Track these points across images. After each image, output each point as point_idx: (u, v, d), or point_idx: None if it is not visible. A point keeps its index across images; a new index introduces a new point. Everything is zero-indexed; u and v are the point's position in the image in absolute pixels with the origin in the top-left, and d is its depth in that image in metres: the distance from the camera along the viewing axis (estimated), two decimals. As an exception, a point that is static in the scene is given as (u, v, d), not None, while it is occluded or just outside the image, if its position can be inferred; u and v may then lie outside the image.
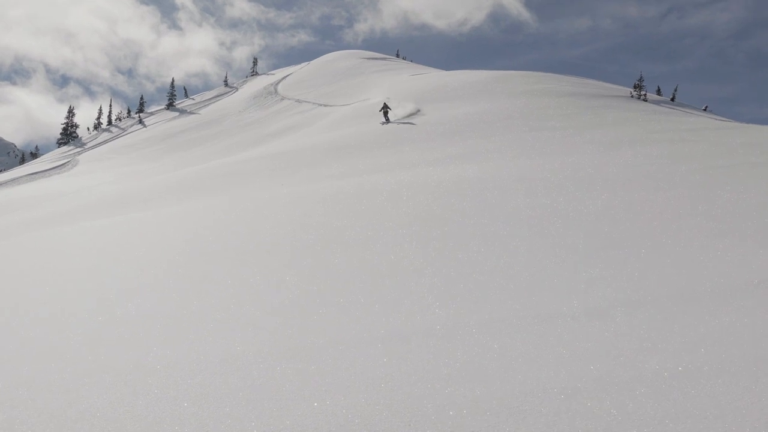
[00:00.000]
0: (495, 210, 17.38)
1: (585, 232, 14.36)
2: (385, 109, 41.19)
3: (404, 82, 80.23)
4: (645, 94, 69.33)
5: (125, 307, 11.44)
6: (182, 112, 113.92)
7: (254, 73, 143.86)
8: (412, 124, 45.93)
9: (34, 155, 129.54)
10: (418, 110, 42.16)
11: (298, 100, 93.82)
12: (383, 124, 38.86)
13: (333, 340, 8.80)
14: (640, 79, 72.27)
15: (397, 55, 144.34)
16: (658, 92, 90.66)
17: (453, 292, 10.79)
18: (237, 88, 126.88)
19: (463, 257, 13.20)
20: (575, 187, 19.42)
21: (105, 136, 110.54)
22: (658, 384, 6.59)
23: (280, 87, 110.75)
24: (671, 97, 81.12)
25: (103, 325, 10.44)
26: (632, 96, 66.30)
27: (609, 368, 7.03)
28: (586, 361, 7.28)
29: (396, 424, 6.02)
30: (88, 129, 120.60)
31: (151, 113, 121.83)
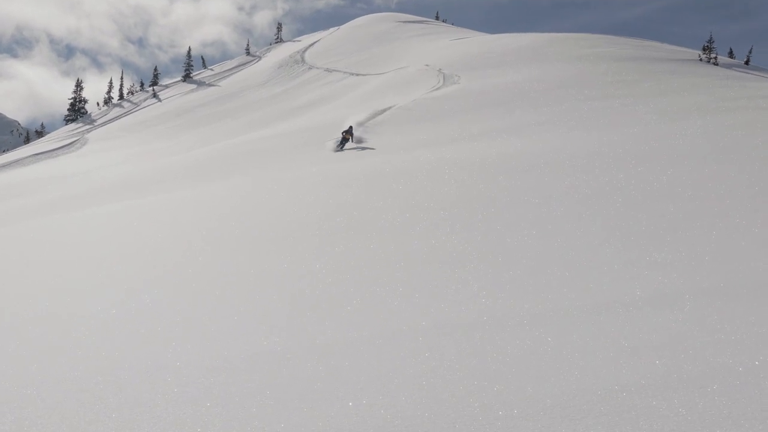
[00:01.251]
0: (546, 189, 17.28)
1: (649, 213, 14.24)
2: (346, 136, 34.38)
3: (444, 48, 79.97)
4: (715, 58, 68.37)
5: (139, 301, 11.58)
6: (200, 84, 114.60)
7: (278, 40, 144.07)
8: (453, 96, 45.74)
9: (40, 134, 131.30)
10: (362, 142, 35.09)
11: (327, 70, 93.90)
12: (336, 150, 33.62)
13: (369, 334, 8.83)
14: (710, 41, 71.29)
15: (437, 18, 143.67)
16: (731, 55, 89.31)
17: (501, 281, 10.77)
18: (260, 57, 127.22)
19: (511, 242, 13.16)
20: (637, 162, 19.24)
21: (116, 111, 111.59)
22: (731, 380, 6.54)
23: (307, 55, 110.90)
24: (745, 60, 79.83)
25: (116, 320, 10.58)
26: (701, 60, 65.43)
27: (676, 363, 6.98)
28: (650, 355, 7.23)
29: (440, 425, 6.04)
30: (98, 104, 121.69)
31: (166, 86, 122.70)
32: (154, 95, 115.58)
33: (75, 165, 59.45)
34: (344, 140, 33.71)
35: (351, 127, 34.69)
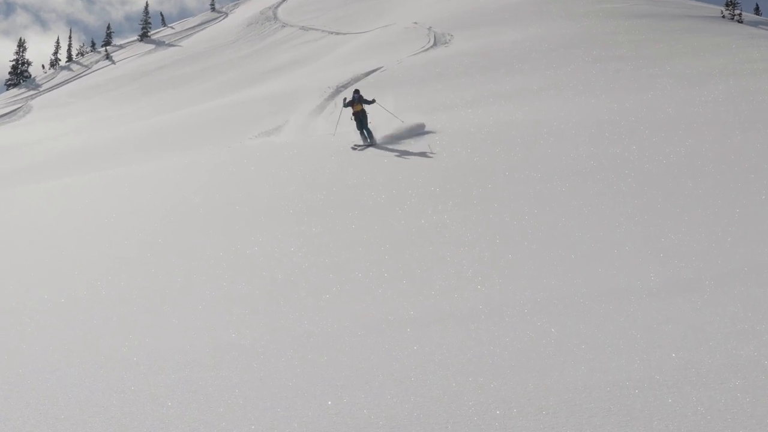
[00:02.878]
0: (551, 162, 17.30)
1: (664, 189, 14.28)
2: (356, 106, 23.86)
3: (435, 3, 79.70)
4: (740, 14, 68.48)
5: (92, 288, 11.54)
6: (159, 44, 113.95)
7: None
8: (444, 58, 45.67)
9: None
10: (423, 125, 24.04)
11: (302, 28, 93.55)
12: (357, 148, 22.56)
13: (350, 324, 8.83)
14: (734, -5, 71.29)
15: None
16: (756, 11, 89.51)
17: (498, 265, 10.78)
18: (227, 14, 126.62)
19: (510, 221, 13.17)
20: (651, 132, 19.28)
21: (64, 75, 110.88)
22: (755, 375, 6.56)
23: (280, 11, 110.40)
24: (773, 17, 79.97)
25: (65, 310, 10.54)
26: (723, 17, 65.51)
27: (694, 356, 7.01)
28: (665, 347, 7.25)
29: (430, 426, 6.05)
30: (43, 67, 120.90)
31: (121, 46, 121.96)
32: (107, 57, 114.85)
33: (18, 135, 59.04)
34: (360, 120, 23.34)
35: (357, 93, 24.03)
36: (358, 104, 23.45)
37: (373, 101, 23.88)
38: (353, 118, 23.57)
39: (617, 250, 10.90)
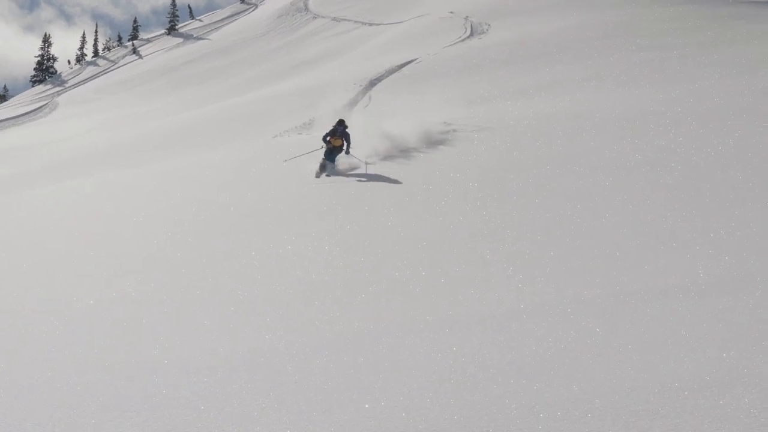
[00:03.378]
0: (593, 155, 17.21)
1: (713, 182, 14.16)
2: (334, 140, 20.65)
3: (471, -8, 79.43)
4: (791, -1, 67.68)
5: (121, 290, 11.62)
6: (187, 37, 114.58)
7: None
8: (482, 48, 45.56)
9: (2, 98, 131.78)
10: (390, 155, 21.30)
11: (334, 19, 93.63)
12: (318, 175, 19.87)
13: (387, 325, 8.84)
14: (786, -21, 70.52)
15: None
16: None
17: (540, 263, 10.75)
18: (256, 5, 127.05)
19: (551, 218, 13.12)
20: (699, 124, 19.12)
21: (91, 70, 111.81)
22: (812, 376, 6.50)
23: (311, 2, 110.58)
24: (826, 1, 79.06)
25: (94, 312, 10.63)
26: (774, 1, 64.78)
27: (746, 356, 6.95)
28: (715, 347, 7.20)
29: (471, 430, 6.04)
30: (69, 62, 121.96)
31: (148, 40, 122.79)
32: (134, 51, 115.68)
33: (44, 133, 59.62)
34: (332, 152, 20.28)
35: (342, 125, 20.50)
36: (339, 139, 19.78)
37: (348, 146, 19.55)
38: (324, 147, 19.80)
39: (664, 247, 10.83)
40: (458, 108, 26.67)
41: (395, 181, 17.36)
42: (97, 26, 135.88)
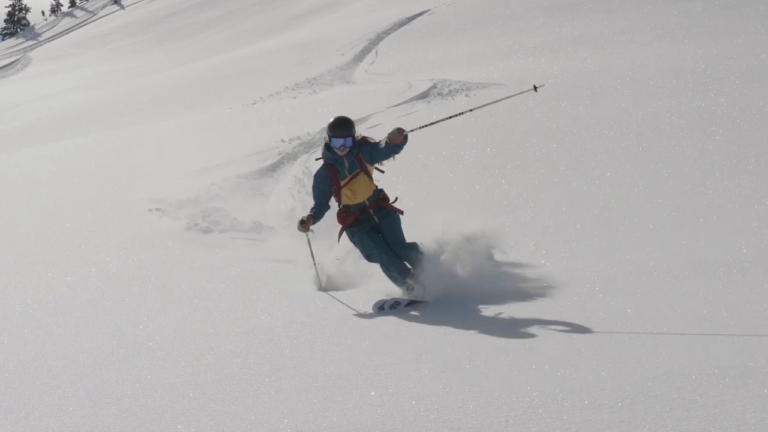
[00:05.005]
0: (625, 117, 17.17)
1: (758, 147, 14.13)
2: (352, 182, 10.22)
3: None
4: None
5: (105, 264, 11.65)
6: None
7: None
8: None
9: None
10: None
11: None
12: (387, 306, 9.52)
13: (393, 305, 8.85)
14: None
15: None
16: None
17: (566, 236, 10.74)
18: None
19: (579, 186, 13.11)
20: (743, 83, 19.05)
21: (67, 22, 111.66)
22: None
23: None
24: None
25: (76, 290, 10.66)
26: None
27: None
28: (760, 329, 7.20)
29: (488, 419, 6.03)
30: (43, 13, 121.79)
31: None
32: (116, 1, 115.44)
33: (16, 91, 59.64)
34: (374, 222, 10.32)
35: (354, 140, 10.11)
36: (360, 175, 10.15)
37: (400, 137, 9.86)
38: (353, 226, 10.29)
39: (703, 219, 10.82)
40: (474, 65, 26.61)
41: (406, 148, 17.29)
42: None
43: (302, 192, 14.72)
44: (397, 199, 10.36)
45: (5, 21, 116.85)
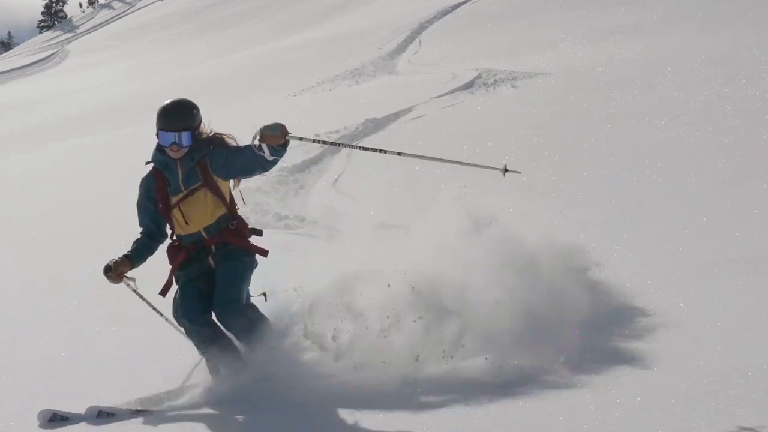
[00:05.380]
0: (676, 107, 17.06)
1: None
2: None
3: None
4: None
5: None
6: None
7: None
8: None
9: (6, 45, 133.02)
10: None
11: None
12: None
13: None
14: None
15: None
16: None
17: (615, 231, 10.69)
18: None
19: (628, 178, 13.03)
20: (800, 70, 18.89)
21: (105, 14, 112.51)
22: None
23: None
24: None
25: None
26: None
27: None
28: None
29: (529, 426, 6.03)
30: (81, 5, 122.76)
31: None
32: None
33: (54, 85, 60.11)
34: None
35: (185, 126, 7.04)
36: (200, 192, 7.09)
37: (280, 138, 6.67)
38: (182, 268, 7.30)
39: (758, 211, 10.72)
40: (520, 54, 26.55)
41: (445, 138, 17.27)
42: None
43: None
44: (259, 233, 7.39)
45: (42, 13, 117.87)
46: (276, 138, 6.56)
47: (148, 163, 7.12)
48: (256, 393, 6.61)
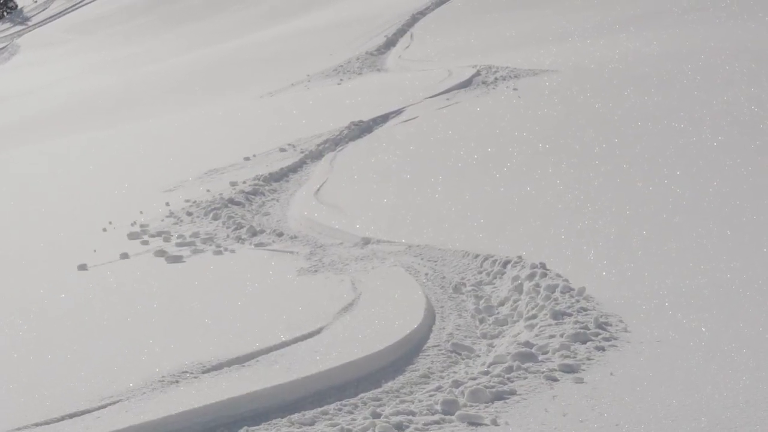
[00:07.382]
0: (697, 107, 17.11)
1: None
2: None
3: None
4: None
5: (102, 277, 11.70)
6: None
7: None
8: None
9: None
10: None
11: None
12: None
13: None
14: None
15: None
16: None
17: (629, 244, 10.71)
18: None
19: (644, 186, 13.06)
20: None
21: (60, 4, 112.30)
22: None
23: None
24: None
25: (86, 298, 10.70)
26: None
27: None
28: None
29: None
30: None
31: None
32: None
33: (3, 83, 59.98)
34: None
35: None
36: None
37: None
38: None
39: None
40: (523, 49, 26.61)
41: (445, 141, 17.31)
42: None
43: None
44: None
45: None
46: None
47: None
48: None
